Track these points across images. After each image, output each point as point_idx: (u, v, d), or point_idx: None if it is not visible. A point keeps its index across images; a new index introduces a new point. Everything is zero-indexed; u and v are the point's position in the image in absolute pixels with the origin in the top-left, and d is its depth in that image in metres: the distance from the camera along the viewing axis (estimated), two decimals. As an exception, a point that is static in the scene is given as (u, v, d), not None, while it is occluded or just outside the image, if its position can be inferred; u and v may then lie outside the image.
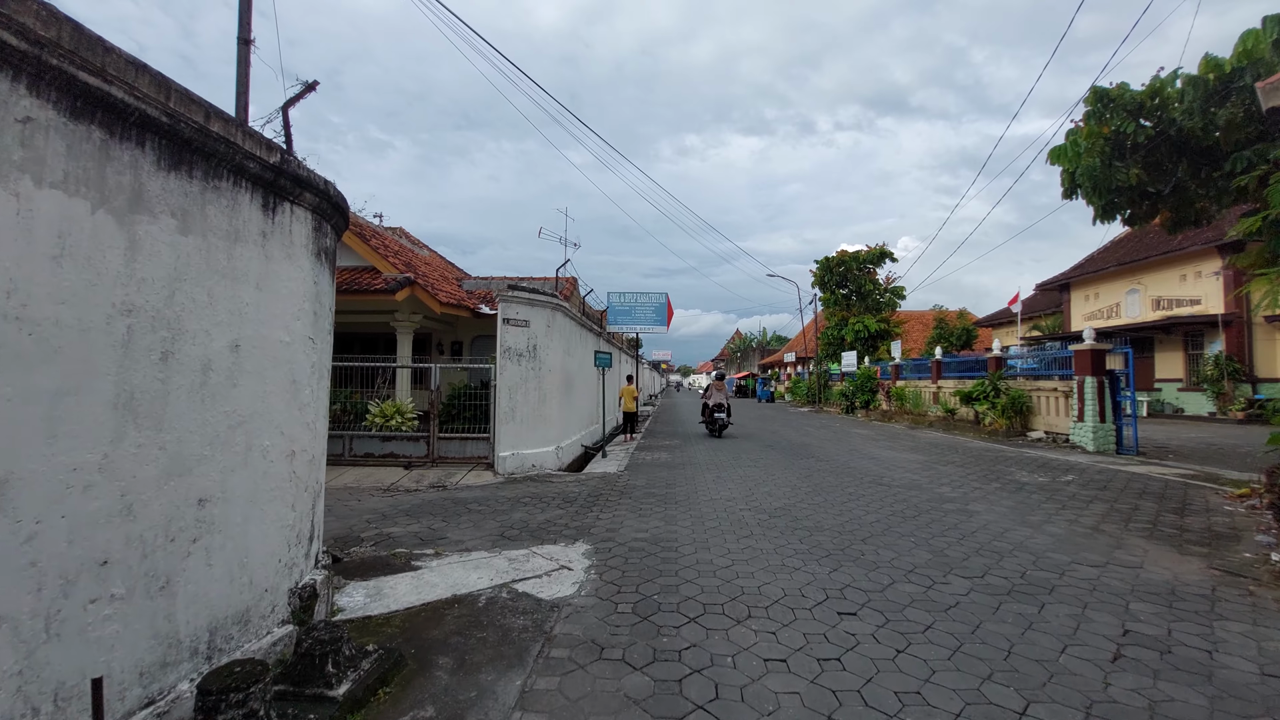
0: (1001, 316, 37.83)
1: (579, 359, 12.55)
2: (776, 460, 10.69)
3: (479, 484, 8.61)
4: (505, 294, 9.38)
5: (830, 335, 30.06)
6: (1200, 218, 11.09)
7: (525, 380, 9.62)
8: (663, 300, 18.35)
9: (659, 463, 10.57)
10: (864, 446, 12.92)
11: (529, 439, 9.64)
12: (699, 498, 7.31)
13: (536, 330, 9.81)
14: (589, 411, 14.04)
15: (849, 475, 9.02)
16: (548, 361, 10.01)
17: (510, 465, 9.32)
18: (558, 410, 10.31)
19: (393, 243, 13.16)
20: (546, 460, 9.81)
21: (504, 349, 9.47)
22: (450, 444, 9.74)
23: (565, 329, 11.01)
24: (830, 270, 28.68)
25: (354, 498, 7.69)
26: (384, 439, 9.81)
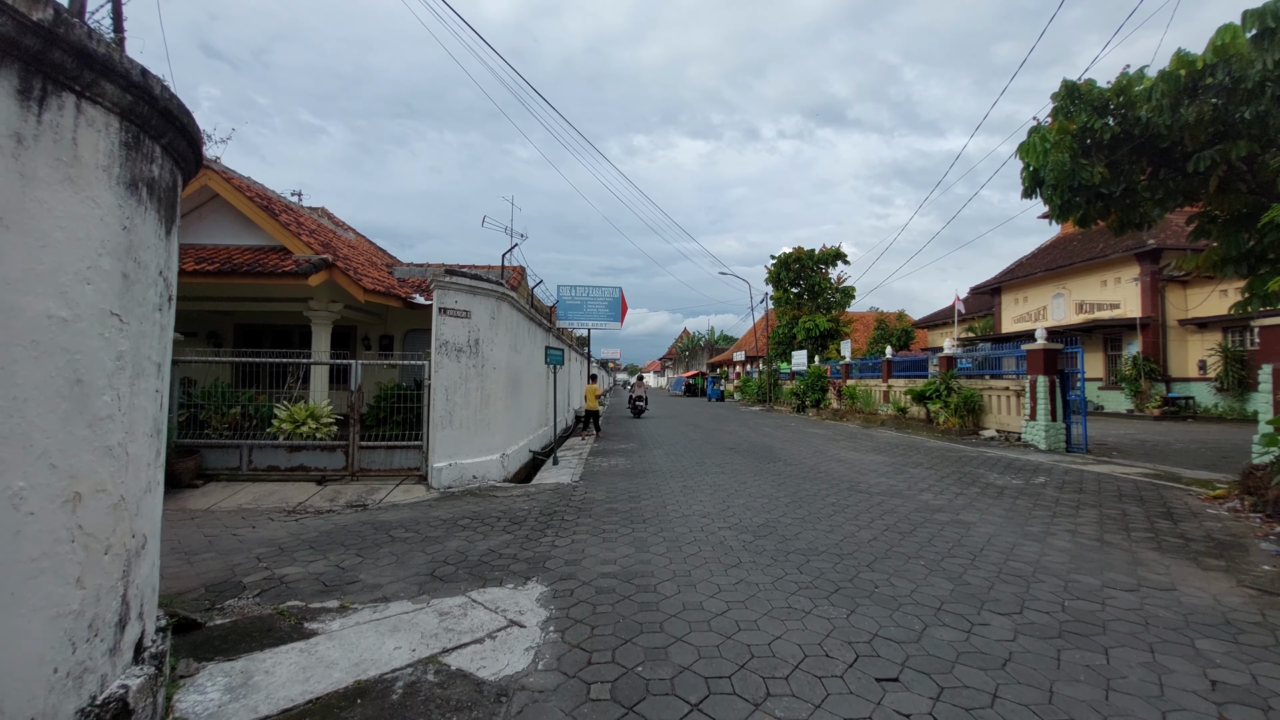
0: (937, 318, 39.39)
1: (527, 355, 11.36)
2: (743, 465, 9.95)
3: (408, 501, 7.31)
4: (442, 279, 8.10)
5: (781, 334, 30.04)
6: (1144, 221, 11.25)
7: (465, 379, 8.38)
8: (616, 295, 17.37)
9: (617, 470, 9.58)
10: (827, 447, 12.44)
11: (469, 446, 8.41)
12: (669, 514, 6.38)
13: (478, 322, 8.58)
14: (538, 413, 12.86)
15: (824, 481, 8.37)
16: (492, 358, 8.80)
17: (447, 478, 8.07)
18: (503, 413, 9.12)
19: (310, 221, 11.46)
20: (490, 470, 8.61)
21: (440, 343, 8.19)
22: (375, 454, 8.35)
23: (512, 322, 9.81)
24: (785, 267, 28.61)
25: (247, 524, 6.25)
26: (292, 449, 8.28)
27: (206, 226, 10.27)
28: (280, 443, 8.29)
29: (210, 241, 10.16)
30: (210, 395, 8.79)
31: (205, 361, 8.66)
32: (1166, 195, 10.18)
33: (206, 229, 10.27)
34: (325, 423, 8.86)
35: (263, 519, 6.51)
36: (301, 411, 8.83)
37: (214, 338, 12.65)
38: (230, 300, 10.36)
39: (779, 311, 30.82)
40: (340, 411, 8.92)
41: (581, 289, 17.43)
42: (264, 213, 9.53)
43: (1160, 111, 9.12)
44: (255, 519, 6.52)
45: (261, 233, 9.92)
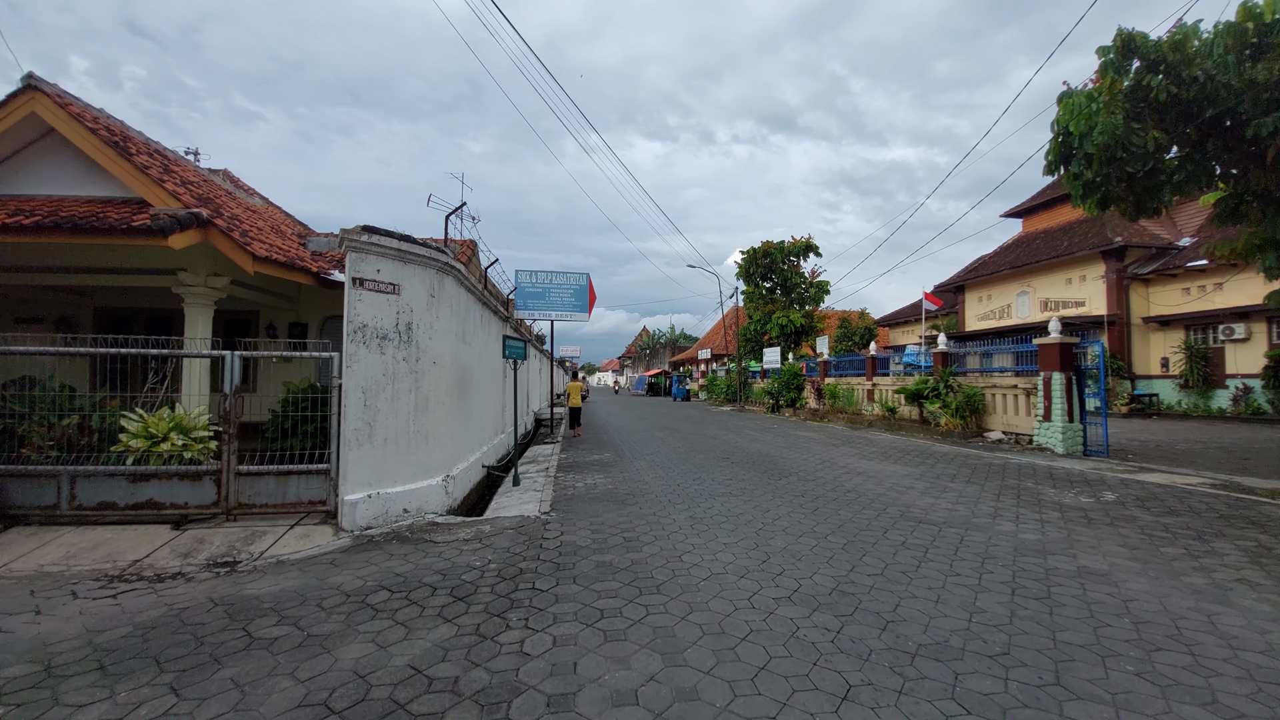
0: (898, 317, 39.17)
1: (480, 348, 9.14)
2: (751, 482, 8.10)
3: (302, 555, 5.04)
4: (357, 239, 5.84)
5: (752, 331, 28.66)
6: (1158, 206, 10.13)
7: (392, 378, 6.14)
8: (583, 282, 15.26)
9: (598, 492, 7.53)
10: (830, 454, 10.80)
11: (399, 469, 6.18)
12: (691, 573, 4.40)
13: (412, 301, 6.36)
14: (494, 419, 10.63)
15: (861, 505, 6.62)
16: (431, 349, 6.59)
17: (365, 514, 5.82)
18: (448, 422, 6.91)
19: (189, 172, 8.82)
20: (429, 500, 6.41)
21: (355, 328, 5.93)
22: (261, 482, 5.97)
23: (460, 304, 7.61)
24: (756, 261, 27.15)
25: (28, 606, 3.86)
26: (137, 478, 5.80)
27: (37, 172, 7.54)
28: (119, 469, 5.80)
29: (42, 192, 7.45)
30: (37, 402, 6.22)
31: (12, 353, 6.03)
32: (1195, 173, 9.01)
33: (37, 176, 7.54)
34: (199, 438, 6.41)
35: (61, 593, 4.13)
36: (161, 423, 6.35)
37: (65, 325, 9.76)
38: (75, 272, 7.66)
39: (750, 307, 29.42)
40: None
41: (543, 274, 15.24)
42: (112, 150, 6.93)
43: (1225, 69, 7.84)
44: (50, 593, 4.14)
45: (116, 182, 7.30)
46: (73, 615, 3.79)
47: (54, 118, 6.98)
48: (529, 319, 15.41)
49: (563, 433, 15.93)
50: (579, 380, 18.33)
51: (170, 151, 9.22)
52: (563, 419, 19.36)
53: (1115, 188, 9.81)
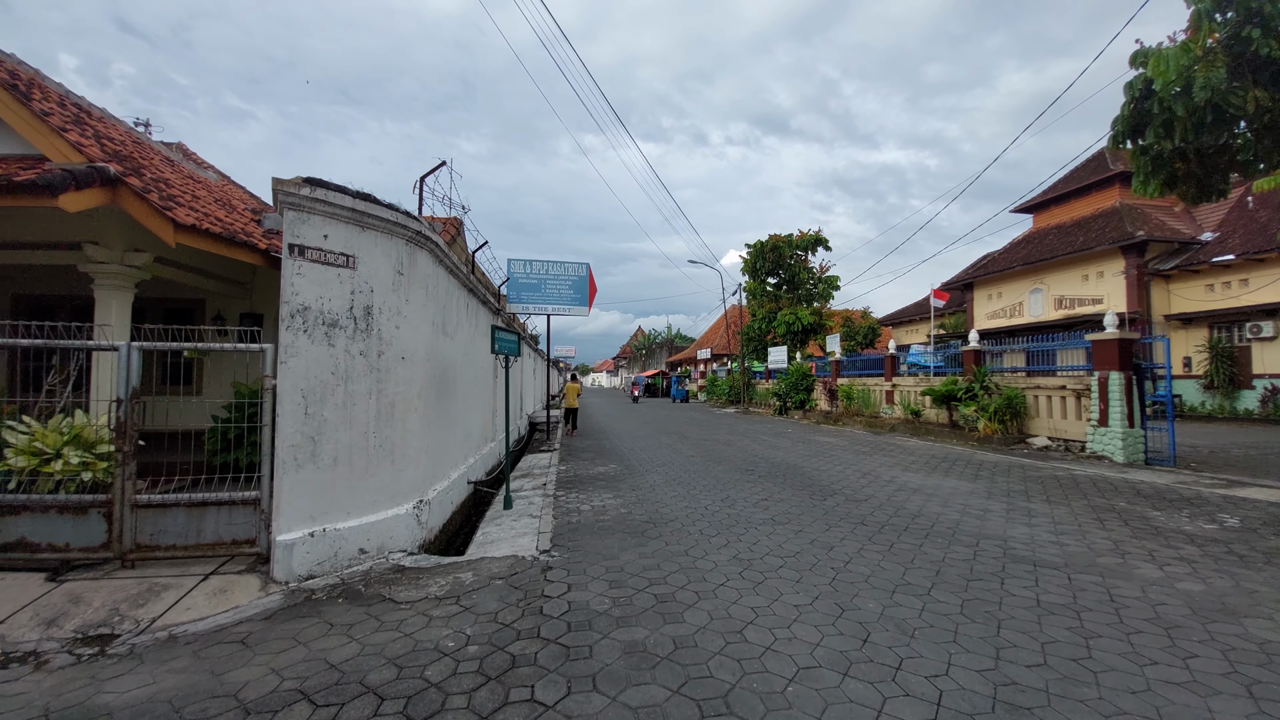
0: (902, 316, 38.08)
1: (465, 341, 7.71)
2: (791, 503, 6.73)
3: (206, 627, 3.60)
4: (294, 193, 4.40)
5: (756, 329, 27.34)
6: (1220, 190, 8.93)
7: (346, 377, 4.71)
8: (583, 272, 13.86)
9: (609, 519, 6.12)
10: (867, 465, 9.46)
11: (354, 497, 4.75)
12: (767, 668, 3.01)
13: (372, 277, 4.93)
14: (482, 425, 9.19)
15: (944, 539, 5.27)
16: (400, 341, 5.16)
17: (306, 559, 4.38)
18: (421, 433, 5.48)
19: (114, 130, 7.29)
20: (395, 534, 4.98)
21: (294, 311, 4.49)
22: (168, 517, 4.51)
23: (438, 287, 6.18)
24: (762, 255, 25.76)
25: None
26: (9, 511, 4.32)
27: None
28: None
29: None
30: None
31: None
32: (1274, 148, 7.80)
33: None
34: (103, 454, 4.94)
35: None
36: (53, 436, 4.89)
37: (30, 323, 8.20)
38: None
39: (754, 305, 28.10)
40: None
41: (539, 264, 13.83)
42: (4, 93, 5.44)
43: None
44: None
45: (20, 139, 5.81)
46: None
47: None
48: (522, 313, 13.99)
49: (560, 438, 14.51)
50: (576, 382, 18.30)
51: (98, 110, 7.71)
52: (559, 422, 17.96)
53: (1184, 165, 8.58)
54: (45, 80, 6.73)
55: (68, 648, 3.35)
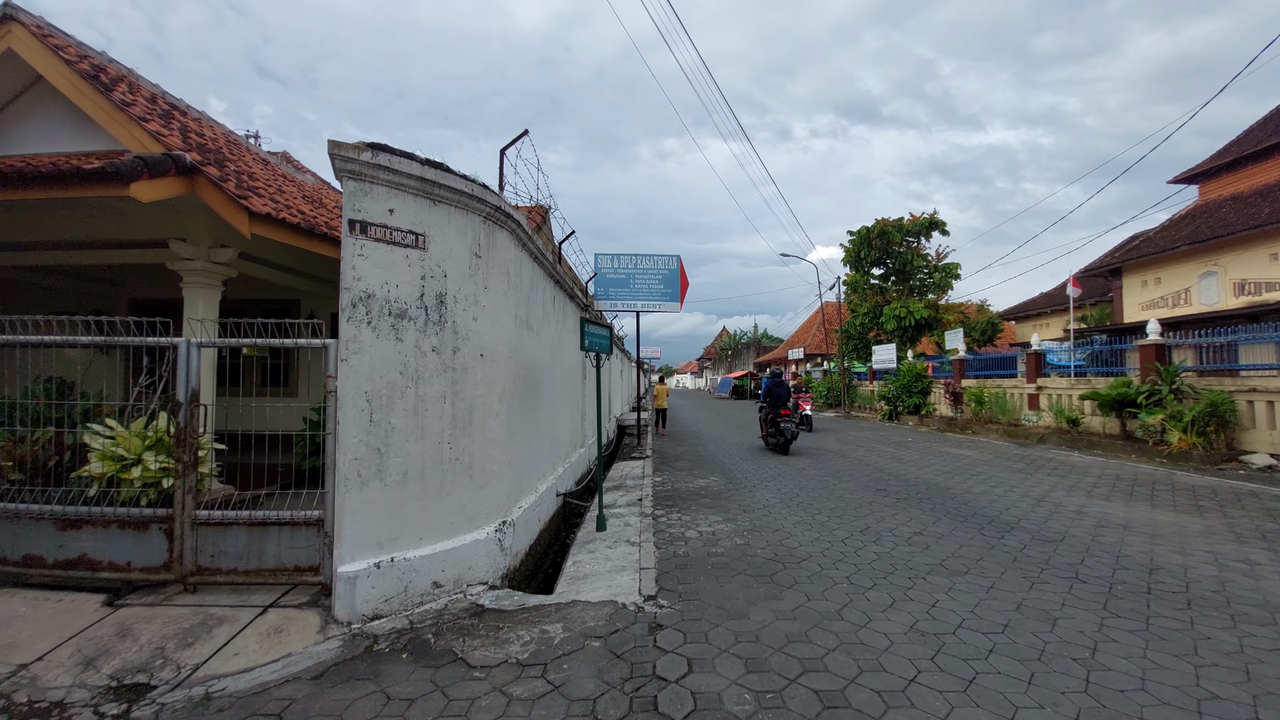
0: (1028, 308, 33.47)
1: (552, 338, 6.94)
2: (954, 538, 5.25)
3: (248, 685, 2.92)
4: (354, 158, 3.71)
5: (858, 326, 24.93)
6: None
7: (417, 377, 3.98)
8: (674, 265, 12.81)
9: (723, 552, 5.00)
10: (1033, 487, 7.59)
11: (427, 519, 4.01)
12: None
13: (446, 260, 4.18)
14: (570, 432, 8.42)
15: (1220, 612, 3.63)
16: (478, 335, 4.39)
17: (371, 595, 3.67)
18: (504, 443, 4.68)
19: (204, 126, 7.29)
20: (475, 563, 4.19)
21: (355, 299, 3.82)
22: (229, 537, 4.01)
23: (521, 274, 5.39)
24: (867, 243, 23.34)
25: None
26: (67, 524, 4.02)
27: (31, 130, 6.19)
28: (45, 510, 4.04)
29: (31, 150, 6.07)
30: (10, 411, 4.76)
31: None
32: None
33: (31, 133, 6.18)
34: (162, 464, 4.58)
35: None
36: (134, 440, 4.60)
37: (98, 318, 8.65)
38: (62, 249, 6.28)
39: (854, 300, 25.69)
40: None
41: (627, 258, 12.97)
42: (88, 85, 5.35)
43: None
44: None
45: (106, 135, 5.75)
46: None
47: (30, 51, 5.51)
48: (610, 311, 13.21)
49: (650, 443, 13.56)
50: (664, 383, 18.84)
51: (195, 111, 7.78)
52: (649, 426, 17.09)
53: None
54: (140, 80, 6.74)
55: (95, 701, 2.79)
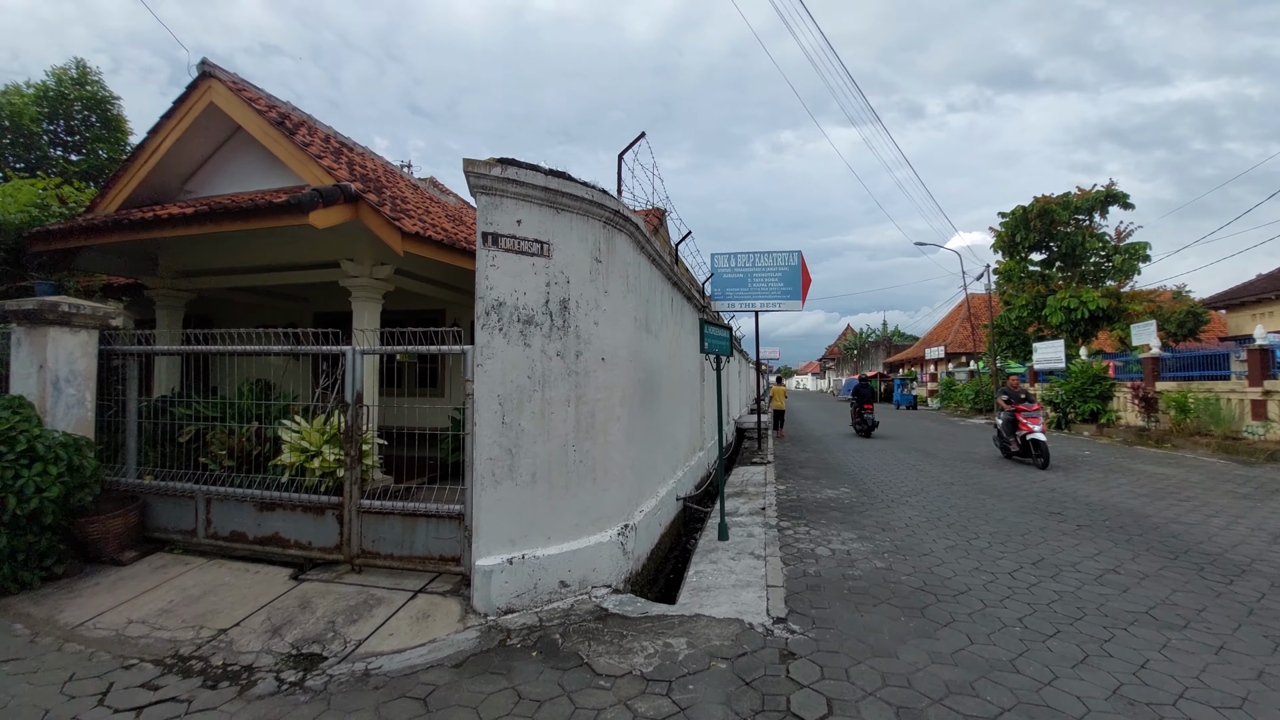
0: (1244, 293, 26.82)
1: (670, 340, 6.88)
2: (1162, 580, 4.26)
3: (397, 666, 3.17)
4: (486, 173, 3.91)
5: (1013, 320, 21.89)
6: None
7: (543, 381, 4.11)
8: (795, 262, 12.19)
9: (859, 575, 4.55)
10: (1261, 518, 5.97)
11: (553, 519, 4.11)
12: None
13: (568, 266, 4.26)
14: (689, 435, 8.31)
15: None
16: (599, 339, 4.43)
17: (504, 589, 3.84)
18: (624, 446, 4.68)
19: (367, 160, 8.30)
20: (598, 565, 4.22)
21: (489, 307, 4.02)
22: (385, 525, 4.44)
23: (639, 277, 5.37)
24: (1024, 225, 20.36)
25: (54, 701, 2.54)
26: (263, 506, 4.73)
27: (230, 172, 7.44)
28: (248, 494, 4.78)
29: (231, 190, 7.31)
30: (225, 408, 5.76)
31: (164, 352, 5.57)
32: None
33: (229, 175, 7.44)
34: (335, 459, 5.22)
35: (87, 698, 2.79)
36: (315, 434, 5.30)
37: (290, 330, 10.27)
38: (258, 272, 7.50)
39: (1009, 290, 22.61)
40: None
41: (744, 256, 12.61)
42: (276, 130, 6.33)
43: None
44: (76, 691, 2.85)
45: (290, 173, 6.76)
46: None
47: (227, 103, 6.62)
48: (727, 311, 12.90)
49: (771, 448, 13.02)
50: (781, 384, 18.64)
51: (360, 146, 8.89)
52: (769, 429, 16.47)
53: None
54: (316, 123, 7.79)
55: (277, 668, 3.19)
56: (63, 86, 12.73)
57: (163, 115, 6.94)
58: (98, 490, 4.78)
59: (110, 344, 5.33)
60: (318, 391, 6.33)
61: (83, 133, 13.21)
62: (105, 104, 13.58)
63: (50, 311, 4.71)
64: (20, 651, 3.25)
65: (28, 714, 2.64)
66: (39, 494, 4.15)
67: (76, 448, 4.63)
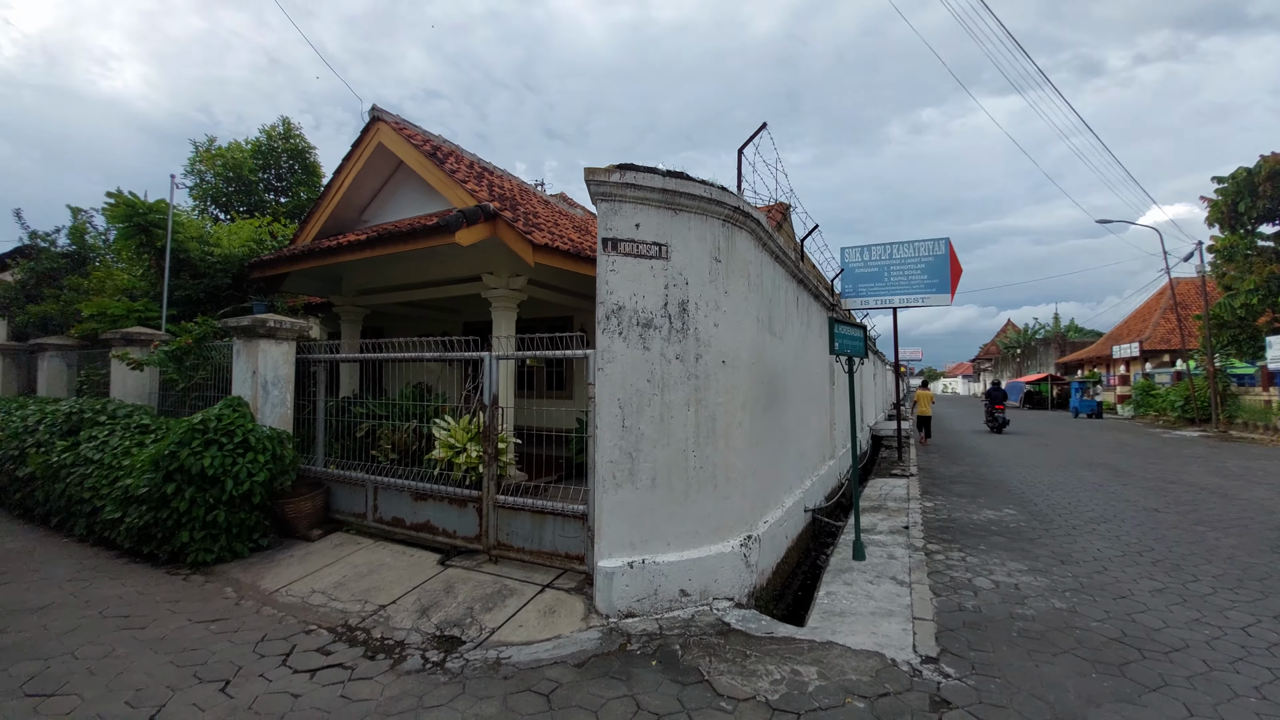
0: None
1: (795, 341, 6.49)
2: None
3: (524, 659, 3.29)
4: (605, 180, 3.96)
5: (1239, 308, 17.61)
6: None
7: (662, 385, 4.05)
8: (942, 250, 10.94)
9: (1033, 615, 3.86)
10: None
11: (673, 526, 4.04)
12: None
13: (686, 267, 4.17)
14: (818, 442, 7.78)
15: None
16: (719, 341, 4.28)
17: (625, 593, 3.84)
18: (746, 452, 4.47)
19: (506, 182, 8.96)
20: (720, 576, 4.06)
21: (609, 311, 4.06)
22: (518, 520, 4.69)
23: (761, 275, 5.12)
24: (1250, 192, 16.24)
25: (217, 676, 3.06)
26: (417, 496, 5.26)
27: (396, 203, 8.51)
28: (406, 484, 5.35)
29: (395, 218, 8.32)
30: (390, 408, 6.59)
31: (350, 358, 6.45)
32: None
33: (395, 206, 8.50)
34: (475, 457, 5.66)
35: (272, 656, 3.29)
36: (460, 433, 5.81)
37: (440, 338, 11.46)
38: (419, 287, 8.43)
39: (1231, 273, 18.26)
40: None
41: (879, 249, 11.62)
42: (429, 160, 7.08)
43: None
44: (266, 650, 3.37)
45: (442, 199, 7.56)
46: (254, 694, 2.77)
47: (391, 141, 7.53)
48: (860, 309, 11.94)
49: (914, 458, 11.78)
50: (926, 388, 17.42)
51: (499, 169, 9.65)
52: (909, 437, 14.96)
53: None
54: (462, 151, 8.57)
55: (423, 646, 3.48)
56: (272, 141, 15.63)
57: (344, 157, 8.12)
58: (294, 476, 5.67)
59: (304, 353, 6.32)
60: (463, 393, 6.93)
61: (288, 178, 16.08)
62: (304, 153, 16.39)
63: (260, 326, 5.69)
64: (227, 612, 3.92)
65: (223, 670, 3.15)
66: (250, 478, 5.02)
67: (279, 440, 5.53)
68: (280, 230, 10.59)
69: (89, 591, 4.21)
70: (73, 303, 9.77)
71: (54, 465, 5.95)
